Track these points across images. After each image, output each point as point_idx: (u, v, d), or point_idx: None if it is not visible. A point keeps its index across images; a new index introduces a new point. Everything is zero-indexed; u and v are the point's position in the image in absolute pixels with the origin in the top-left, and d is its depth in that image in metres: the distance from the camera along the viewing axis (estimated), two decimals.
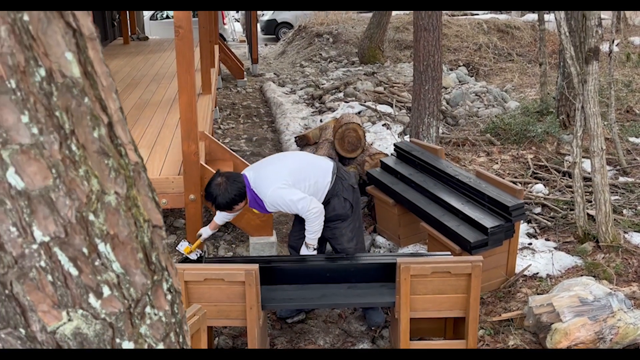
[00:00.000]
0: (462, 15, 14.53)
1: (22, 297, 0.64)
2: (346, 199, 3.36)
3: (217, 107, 8.18)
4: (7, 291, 0.63)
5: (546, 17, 7.13)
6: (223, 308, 2.84)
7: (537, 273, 3.66)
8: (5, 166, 0.59)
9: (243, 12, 15.67)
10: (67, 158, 0.61)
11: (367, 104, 7.22)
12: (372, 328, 3.56)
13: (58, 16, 0.58)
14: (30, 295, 0.64)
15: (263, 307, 2.92)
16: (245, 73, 10.61)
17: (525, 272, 3.65)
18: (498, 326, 3.23)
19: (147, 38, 11.65)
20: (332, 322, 3.65)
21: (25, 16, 0.55)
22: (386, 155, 4.95)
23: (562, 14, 3.84)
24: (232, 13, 18.98)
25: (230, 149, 5.03)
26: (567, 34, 3.86)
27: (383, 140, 5.98)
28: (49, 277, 0.64)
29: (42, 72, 0.58)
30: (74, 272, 0.65)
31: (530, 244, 4.01)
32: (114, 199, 0.66)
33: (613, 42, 5.19)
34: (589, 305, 2.88)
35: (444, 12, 9.43)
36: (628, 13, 14.18)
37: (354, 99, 7.65)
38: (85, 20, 0.61)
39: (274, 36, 16.96)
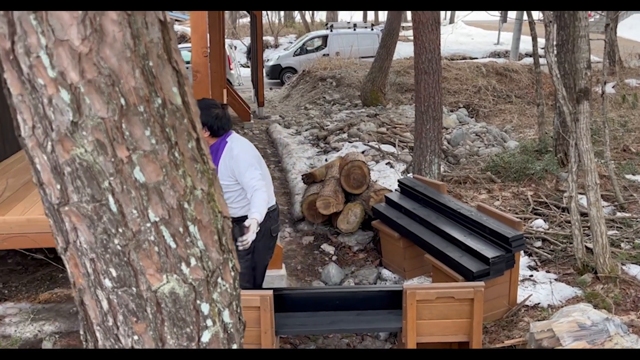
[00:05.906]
0: (461, 59, 15.03)
1: (136, 263, 0.86)
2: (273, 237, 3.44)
3: None
4: (125, 258, 0.85)
5: (541, 60, 7.47)
6: None
7: (539, 303, 3.80)
8: (133, 165, 0.82)
9: (249, 58, 16.22)
10: (172, 162, 0.85)
11: (370, 143, 7.48)
12: None
13: (168, 62, 0.82)
14: (142, 262, 0.86)
15: (276, 332, 3.08)
16: (251, 115, 10.94)
17: (527, 302, 3.79)
18: None
19: None
20: None
21: (150, 62, 0.78)
22: (390, 191, 5.15)
23: (554, 58, 4.11)
24: (238, 58, 19.58)
25: None
26: (559, 76, 4.13)
27: (387, 178, 6.20)
28: (156, 248, 0.86)
29: (159, 100, 0.82)
30: (172, 245, 0.87)
31: (531, 275, 4.16)
32: (200, 193, 0.89)
33: (605, 83, 5.47)
34: (587, 330, 3.02)
35: (443, 56, 9.80)
36: (623, 56, 14.59)
37: (357, 139, 7.93)
38: (182, 64, 0.85)
39: (279, 80, 17.49)
